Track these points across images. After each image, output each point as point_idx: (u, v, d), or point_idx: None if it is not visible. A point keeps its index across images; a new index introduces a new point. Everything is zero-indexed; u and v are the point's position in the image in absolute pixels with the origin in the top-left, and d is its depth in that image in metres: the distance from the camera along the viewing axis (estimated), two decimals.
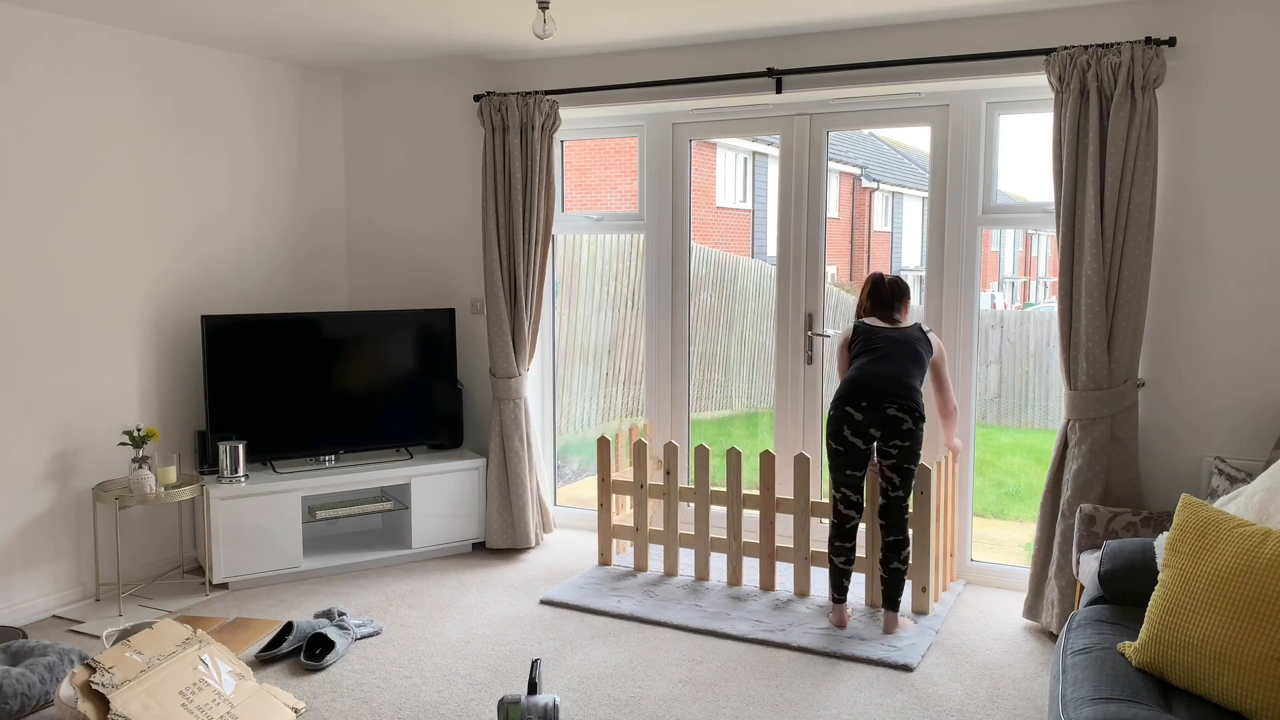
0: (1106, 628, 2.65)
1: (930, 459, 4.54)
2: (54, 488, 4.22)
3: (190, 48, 4.68)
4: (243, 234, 4.99)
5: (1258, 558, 2.30)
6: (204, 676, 3.12)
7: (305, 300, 5.34)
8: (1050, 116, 3.96)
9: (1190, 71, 3.78)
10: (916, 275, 12.45)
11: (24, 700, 3.15)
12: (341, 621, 3.84)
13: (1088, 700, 2.27)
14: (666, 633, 3.95)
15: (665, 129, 4.97)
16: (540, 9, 3.54)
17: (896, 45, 4.26)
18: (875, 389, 3.83)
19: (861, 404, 3.84)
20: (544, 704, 3.00)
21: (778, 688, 3.44)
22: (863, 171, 12.01)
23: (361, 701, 3.36)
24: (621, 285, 7.37)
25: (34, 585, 4.17)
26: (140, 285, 4.52)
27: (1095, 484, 3.79)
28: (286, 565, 4.56)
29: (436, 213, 5.34)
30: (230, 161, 4.92)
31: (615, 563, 4.76)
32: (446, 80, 5.23)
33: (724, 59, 4.59)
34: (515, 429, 4.93)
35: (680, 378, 5.09)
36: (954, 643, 3.83)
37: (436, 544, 4.91)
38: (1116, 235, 3.73)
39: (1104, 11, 3.90)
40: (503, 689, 3.45)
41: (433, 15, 4.15)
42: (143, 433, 4.26)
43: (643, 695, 3.39)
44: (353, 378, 4.89)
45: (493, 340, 4.93)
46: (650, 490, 4.62)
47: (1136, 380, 3.81)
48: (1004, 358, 8.29)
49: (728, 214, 10.78)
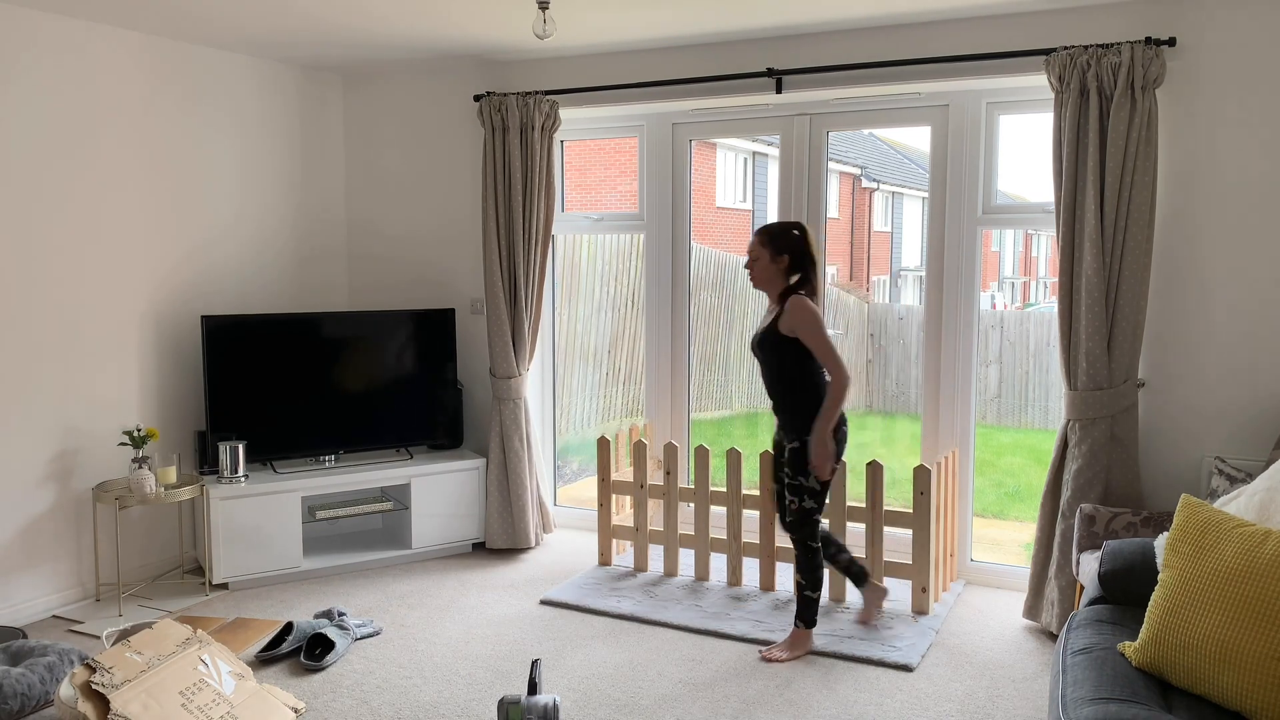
0: (1106, 628, 2.65)
1: (930, 459, 4.54)
2: (54, 488, 4.22)
3: (191, 48, 4.68)
4: (243, 234, 4.99)
5: (1258, 558, 2.30)
6: (204, 676, 3.12)
7: (305, 300, 5.34)
8: (1050, 116, 3.96)
9: (1190, 71, 3.78)
10: (917, 275, 12.45)
11: (24, 700, 3.15)
12: (341, 622, 3.84)
13: (1088, 700, 2.27)
14: (666, 633, 3.95)
15: (665, 129, 4.97)
16: (540, 9, 3.54)
17: (896, 45, 4.26)
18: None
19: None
20: (544, 704, 3.00)
21: (778, 688, 3.44)
22: (863, 171, 12.01)
23: (361, 701, 3.36)
24: (621, 285, 7.36)
25: (34, 585, 4.17)
26: (140, 285, 4.52)
27: (1095, 484, 3.79)
28: (286, 565, 4.56)
29: (436, 213, 5.34)
30: (230, 162, 4.91)
31: (615, 563, 4.76)
32: (446, 80, 5.23)
33: (724, 59, 4.59)
34: (515, 429, 4.93)
35: (680, 378, 5.09)
36: (954, 643, 3.83)
37: (436, 544, 4.90)
38: (1116, 235, 3.73)
39: (1104, 11, 3.90)
40: (503, 689, 3.45)
41: (433, 15, 4.15)
42: (143, 433, 4.26)
43: (643, 695, 3.39)
44: (353, 378, 4.89)
45: (493, 340, 4.93)
46: (650, 490, 4.61)
47: (1136, 380, 3.81)
48: (1004, 358, 8.29)
49: (728, 214, 10.78)
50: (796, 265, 3.59)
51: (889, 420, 8.93)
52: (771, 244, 3.58)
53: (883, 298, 12.49)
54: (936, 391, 4.51)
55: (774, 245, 3.58)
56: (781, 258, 3.58)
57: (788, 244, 3.58)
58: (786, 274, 3.60)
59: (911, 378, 8.86)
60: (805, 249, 3.60)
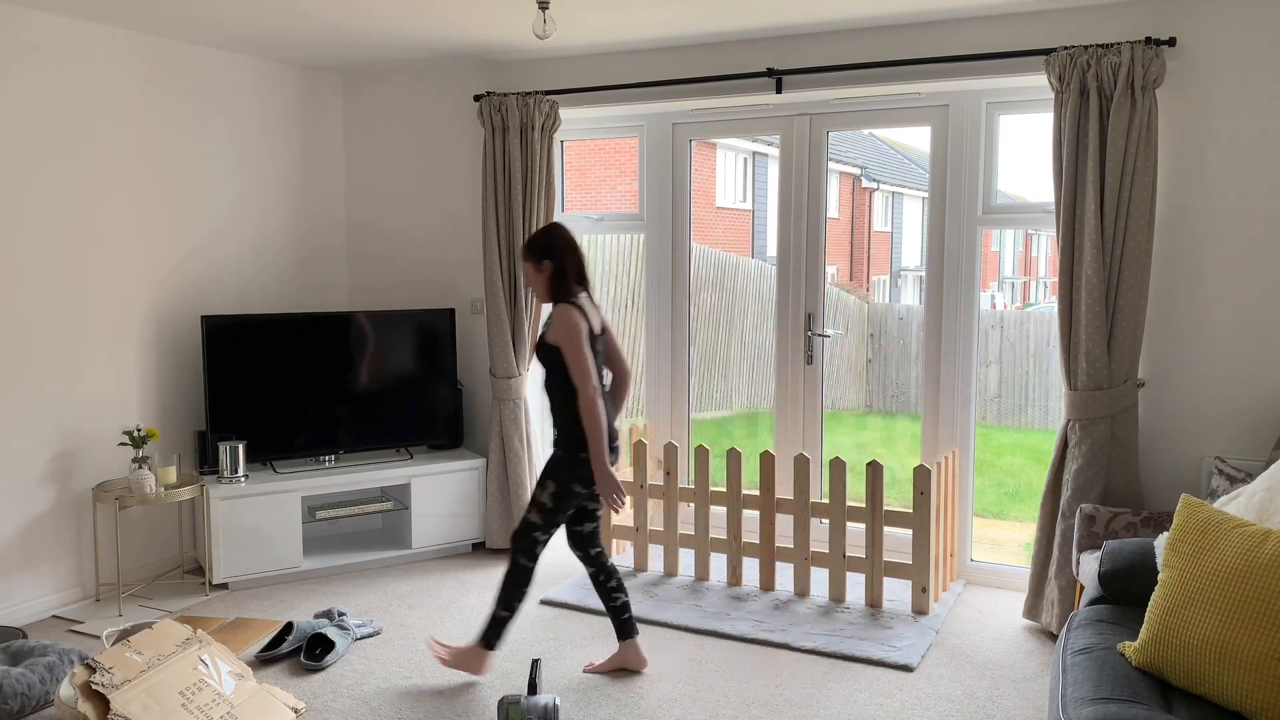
0: (1106, 628, 2.66)
1: (930, 459, 4.55)
2: (54, 488, 4.22)
3: (191, 48, 4.68)
4: (243, 234, 4.99)
5: (1258, 558, 2.30)
6: (204, 677, 3.12)
7: (305, 300, 5.34)
8: (1050, 116, 3.96)
9: (1190, 71, 3.78)
10: (917, 275, 12.46)
11: (24, 700, 3.15)
12: (341, 622, 3.84)
13: (1088, 700, 2.27)
14: (666, 633, 3.95)
15: (665, 129, 4.97)
16: (540, 9, 3.54)
17: (896, 45, 4.26)
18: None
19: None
20: (544, 704, 3.00)
21: (778, 688, 3.44)
22: (863, 171, 12.02)
23: (361, 701, 3.36)
24: (621, 285, 7.36)
25: (34, 585, 4.17)
26: (140, 285, 4.53)
27: (1095, 484, 3.79)
28: (286, 565, 4.56)
29: (436, 213, 5.34)
30: (230, 162, 4.92)
31: (615, 563, 4.76)
32: (446, 80, 5.23)
33: (724, 59, 4.59)
34: (515, 429, 4.93)
35: (680, 378, 5.09)
36: (954, 643, 3.83)
37: (436, 544, 4.91)
38: (1116, 235, 3.73)
39: (1104, 11, 3.90)
40: (503, 689, 3.45)
41: (433, 15, 4.15)
42: (143, 433, 4.26)
43: (643, 695, 3.39)
44: (353, 378, 4.89)
45: (493, 340, 4.93)
46: (650, 490, 4.62)
47: (1136, 380, 3.81)
48: (1004, 358, 8.29)
49: (728, 214, 10.78)
50: (559, 266, 3.39)
51: (889, 420, 8.93)
52: (531, 256, 3.40)
53: (883, 298, 12.50)
54: (936, 391, 4.52)
55: (534, 256, 3.40)
56: (544, 265, 3.38)
57: (543, 248, 3.39)
58: (555, 279, 3.39)
59: (911, 378, 8.87)
60: (560, 246, 3.39)
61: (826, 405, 4.97)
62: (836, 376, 8.55)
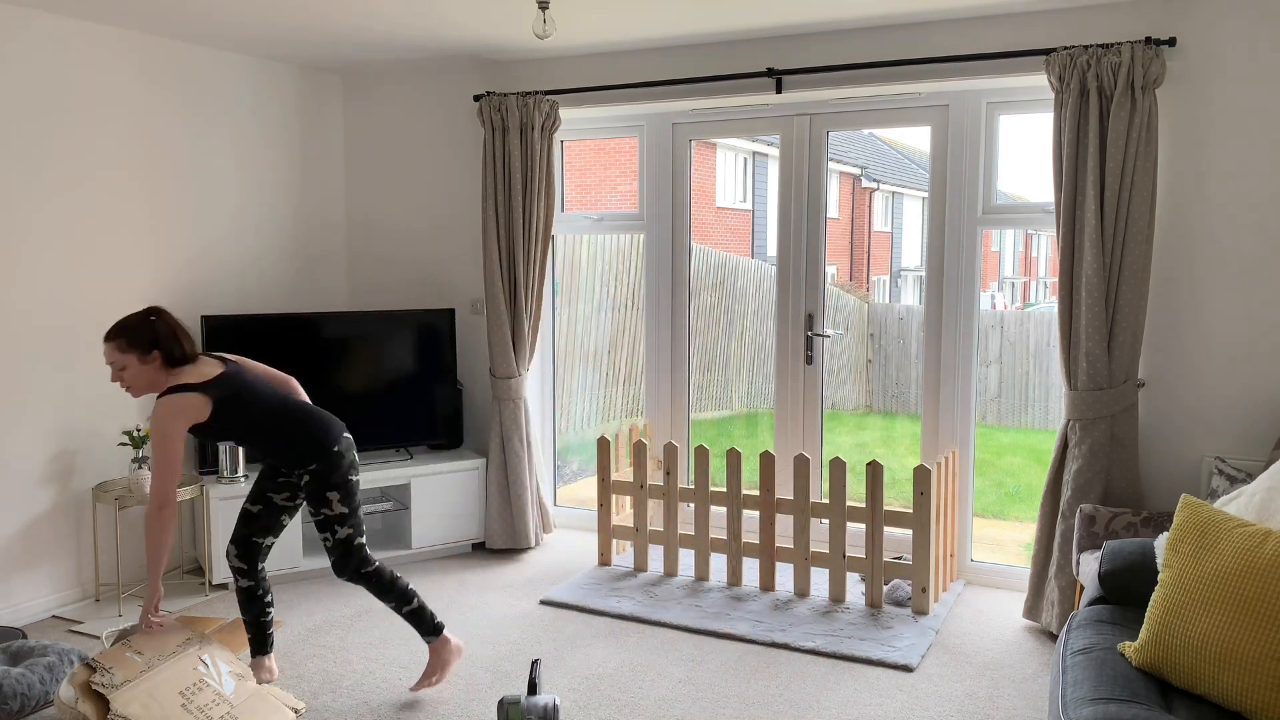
0: (1106, 628, 2.66)
1: (930, 459, 4.55)
2: (54, 488, 4.22)
3: (191, 48, 4.68)
4: (243, 233, 4.99)
5: (1258, 558, 2.30)
6: (204, 677, 3.12)
7: (305, 300, 5.34)
8: (1050, 116, 3.96)
9: (1190, 71, 3.78)
10: (917, 275, 12.46)
11: (24, 700, 3.15)
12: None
13: (1088, 700, 2.27)
14: (666, 633, 3.95)
15: (665, 129, 4.97)
16: (540, 9, 3.54)
17: (896, 45, 4.26)
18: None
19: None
20: (544, 704, 3.00)
21: (778, 688, 3.44)
22: (863, 171, 12.02)
23: (361, 701, 3.36)
24: (621, 285, 7.36)
25: (34, 585, 4.17)
26: (140, 285, 4.52)
27: (1095, 484, 3.79)
28: (286, 565, 4.55)
29: (436, 213, 5.34)
30: (230, 162, 4.92)
31: (615, 563, 4.76)
32: (446, 80, 5.23)
33: (724, 59, 4.59)
34: (515, 429, 4.93)
35: (680, 378, 5.09)
36: (954, 643, 3.83)
37: (436, 544, 4.91)
38: (1116, 235, 3.73)
39: (1104, 11, 3.90)
40: (503, 689, 3.45)
41: (433, 15, 4.15)
42: (142, 433, 4.26)
43: (643, 695, 3.39)
44: (353, 378, 4.89)
45: (493, 340, 4.93)
46: (650, 490, 4.62)
47: (1136, 380, 3.81)
48: (1004, 358, 8.29)
49: (728, 214, 10.78)
50: (169, 352, 3.10)
51: (889, 420, 8.93)
52: (134, 346, 3.07)
53: (883, 298, 12.49)
54: (936, 391, 4.52)
55: (138, 346, 3.07)
56: (153, 354, 3.08)
57: (149, 336, 3.08)
58: (167, 367, 3.12)
59: (911, 378, 8.86)
60: (169, 331, 3.11)
61: (826, 405, 4.98)
62: (836, 376, 8.56)
